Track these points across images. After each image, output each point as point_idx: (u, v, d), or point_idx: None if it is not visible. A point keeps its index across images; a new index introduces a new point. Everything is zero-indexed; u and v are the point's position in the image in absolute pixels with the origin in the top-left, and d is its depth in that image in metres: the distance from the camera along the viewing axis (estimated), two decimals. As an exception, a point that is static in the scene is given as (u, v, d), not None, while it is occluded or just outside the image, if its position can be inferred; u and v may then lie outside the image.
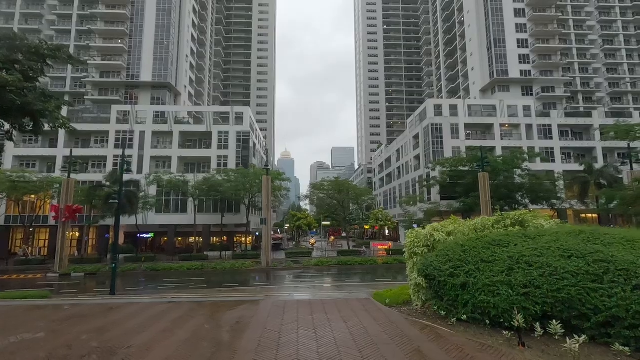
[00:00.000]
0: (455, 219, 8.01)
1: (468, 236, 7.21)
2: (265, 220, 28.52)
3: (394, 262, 29.70)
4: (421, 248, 7.53)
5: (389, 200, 65.26)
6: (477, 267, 5.67)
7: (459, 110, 49.79)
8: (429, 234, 7.50)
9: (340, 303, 7.75)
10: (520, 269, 5.22)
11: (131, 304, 8.14)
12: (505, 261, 5.48)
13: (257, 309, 7.06)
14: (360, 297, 8.59)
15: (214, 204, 43.16)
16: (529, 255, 5.36)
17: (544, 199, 38.85)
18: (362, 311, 6.91)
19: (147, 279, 25.92)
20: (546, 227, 7.25)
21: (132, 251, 38.97)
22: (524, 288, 4.97)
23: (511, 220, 7.55)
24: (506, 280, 5.19)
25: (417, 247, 7.66)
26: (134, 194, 30.11)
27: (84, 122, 47.52)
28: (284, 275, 25.83)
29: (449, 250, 6.41)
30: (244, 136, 46.61)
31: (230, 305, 7.50)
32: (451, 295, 5.80)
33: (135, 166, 44.72)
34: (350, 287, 19.23)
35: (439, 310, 6.15)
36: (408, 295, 11.13)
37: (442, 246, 6.90)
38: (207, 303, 7.99)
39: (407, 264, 8.49)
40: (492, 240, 6.20)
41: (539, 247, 5.49)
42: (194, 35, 63.86)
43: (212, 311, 7.07)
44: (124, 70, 53.73)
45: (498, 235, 6.48)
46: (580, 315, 4.58)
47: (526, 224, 7.51)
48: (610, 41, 64.85)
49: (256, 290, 18.38)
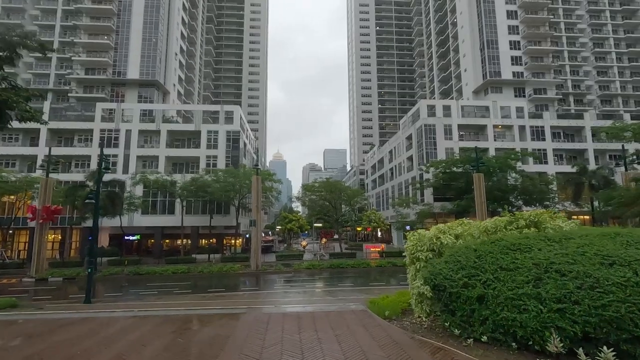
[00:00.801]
0: (462, 220, 7.14)
1: (479, 239, 6.34)
2: (255, 222, 27.45)
3: (387, 264, 28.87)
4: (425, 253, 6.63)
5: (382, 202, 64.60)
6: (496, 277, 4.79)
7: (452, 111, 49.39)
8: (435, 236, 6.61)
9: (334, 317, 6.80)
10: (551, 279, 4.33)
11: (88, 319, 7.07)
12: (531, 269, 4.59)
13: (235, 326, 6.06)
14: (355, 309, 7.65)
15: (202, 205, 41.93)
16: (560, 262, 4.48)
17: (537, 200, 38.50)
18: (359, 327, 5.97)
19: (129, 284, 24.62)
20: (566, 229, 6.42)
21: (116, 254, 37.45)
22: (557, 303, 4.08)
23: (525, 221, 6.70)
24: (534, 292, 4.30)
25: (420, 252, 6.77)
26: (117, 194, 28.77)
27: (68, 120, 45.86)
28: (274, 279, 24.78)
29: (459, 255, 5.51)
30: (234, 136, 45.45)
31: (205, 321, 6.49)
32: (465, 309, 4.90)
33: (121, 166, 43.28)
34: (342, 292, 18.29)
35: (451, 327, 5.24)
36: (407, 303, 10.21)
37: (450, 251, 6.01)
38: (179, 317, 6.95)
39: (408, 270, 7.59)
40: (511, 244, 5.32)
41: (570, 252, 4.62)
42: (184, 33, 62.50)
43: (182, 329, 6.04)
44: (110, 67, 52.14)
45: (515, 238, 5.61)
46: (633, 339, 3.71)
47: (542, 225, 6.67)
48: (601, 44, 65.37)
49: (243, 296, 17.31)
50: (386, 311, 7.24)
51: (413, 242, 7.07)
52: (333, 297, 16.24)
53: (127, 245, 45.16)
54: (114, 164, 43.40)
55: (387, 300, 10.98)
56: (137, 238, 45.16)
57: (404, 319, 7.05)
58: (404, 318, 7.14)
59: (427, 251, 6.60)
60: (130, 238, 45.04)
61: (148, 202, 42.08)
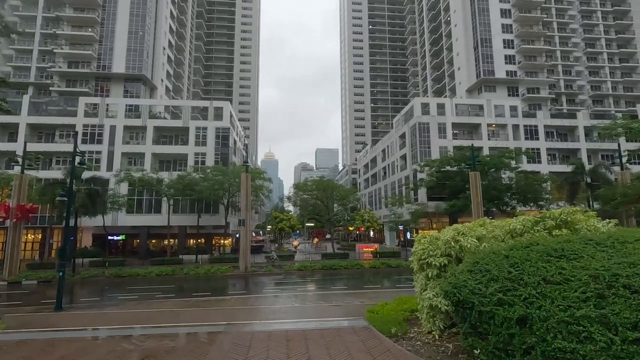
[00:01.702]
0: (483, 220, 6.12)
1: (504, 242, 5.32)
2: (244, 222, 26.21)
3: (381, 266, 27.89)
4: (439, 258, 5.60)
5: (374, 202, 63.78)
6: (541, 292, 3.76)
7: (446, 109, 48.75)
8: (453, 239, 5.58)
9: (331, 337, 5.71)
10: (619, 297, 3.33)
11: (26, 342, 5.85)
12: (587, 283, 3.58)
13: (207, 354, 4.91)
14: (356, 326, 6.57)
15: (190, 204, 40.51)
16: (627, 274, 3.47)
17: (532, 200, 38.03)
18: (363, 354, 4.88)
19: (110, 287, 23.18)
20: (603, 230, 5.44)
21: (99, 255, 35.79)
22: (634, 331, 3.07)
23: (555, 220, 5.69)
24: (597, 315, 3.28)
25: (432, 257, 5.72)
26: (98, 192, 27.22)
27: (49, 114, 43.93)
28: (263, 281, 23.59)
29: (488, 263, 4.47)
30: (224, 132, 44.04)
31: (167, 349, 5.29)
32: (502, 334, 3.86)
33: (105, 163, 41.61)
34: (336, 295, 17.22)
35: (482, 355, 4.18)
36: (410, 312, 9.22)
37: (472, 257, 4.98)
38: (144, 338, 5.78)
39: (415, 278, 6.56)
40: (552, 249, 4.30)
41: (637, 261, 3.61)
42: (172, 27, 60.71)
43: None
44: (94, 60, 50.18)
45: (554, 242, 4.61)
46: None
47: (574, 225, 5.68)
48: (592, 44, 65.56)
49: (230, 301, 16.10)
50: (392, 327, 6.17)
51: (423, 245, 6.02)
52: (326, 302, 15.16)
53: (111, 245, 43.49)
54: (97, 161, 41.77)
55: (388, 309, 9.94)
56: (122, 238, 43.51)
57: (412, 335, 5.99)
58: (413, 334, 6.10)
59: (442, 257, 5.57)
60: (115, 238, 43.34)
61: (133, 200, 40.50)
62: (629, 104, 63.48)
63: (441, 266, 5.59)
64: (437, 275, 5.56)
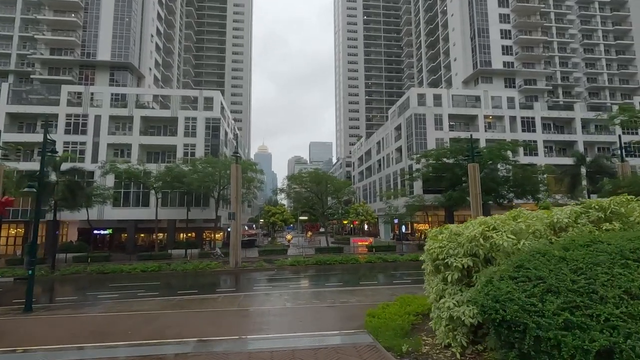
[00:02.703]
0: (518, 210, 5.02)
1: (545, 238, 4.22)
2: (234, 215, 24.99)
3: (377, 260, 26.96)
4: (462, 259, 4.50)
5: (369, 194, 62.87)
6: (626, 311, 2.66)
7: (442, 101, 47.72)
8: (481, 235, 4.46)
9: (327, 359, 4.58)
10: None
11: None
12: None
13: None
14: (358, 344, 5.46)
15: (179, 197, 39.14)
16: None
17: (530, 192, 37.32)
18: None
19: (91, 285, 21.89)
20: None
21: (84, 250, 34.33)
22: None
23: (604, 211, 4.60)
24: None
25: (452, 257, 4.61)
26: (78, 184, 25.72)
27: (30, 103, 41.94)
28: (254, 277, 22.47)
29: (537, 268, 3.39)
30: (214, 123, 42.52)
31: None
32: (573, 371, 2.77)
33: (90, 154, 39.94)
34: (331, 293, 16.17)
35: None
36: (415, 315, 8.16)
37: (513, 259, 3.86)
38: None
39: (428, 281, 5.46)
40: (628, 250, 3.20)
41: None
42: (161, 14, 58.50)
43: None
44: (78, 47, 48.01)
45: (624, 239, 3.50)
46: None
47: (628, 217, 4.59)
48: (589, 36, 64.84)
49: (217, 300, 14.93)
50: (402, 343, 5.05)
51: (440, 242, 4.90)
52: (320, 302, 14.09)
53: (98, 240, 42.03)
54: (81, 152, 40.10)
55: (390, 312, 8.81)
56: (109, 232, 42.08)
57: (427, 351, 4.90)
58: (426, 348, 5.01)
59: (465, 257, 4.45)
60: (102, 232, 41.90)
61: (120, 193, 38.97)
62: (625, 97, 63.06)
63: (464, 268, 4.50)
64: (458, 279, 4.46)
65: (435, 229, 5.36)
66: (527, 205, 42.69)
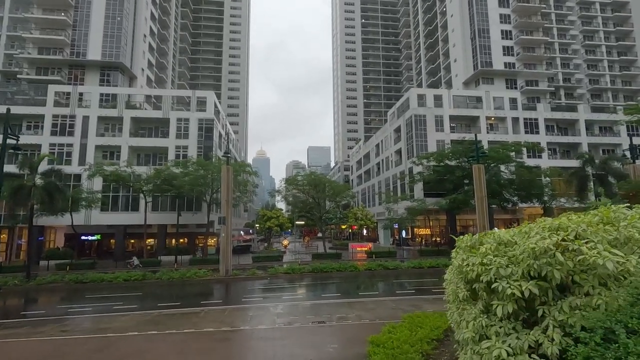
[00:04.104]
0: (609, 208, 3.43)
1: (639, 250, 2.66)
2: (225, 220, 23.34)
3: (377, 268, 25.26)
4: (518, 282, 2.90)
5: (367, 198, 61.32)
6: None
7: (443, 101, 46.39)
8: (556, 246, 2.88)
9: None
10: None
11: None
12: None
13: None
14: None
15: (171, 201, 37.46)
16: None
17: (535, 195, 35.86)
18: None
19: (67, 296, 20.13)
20: None
21: (70, 256, 32.56)
22: None
23: None
24: None
25: (504, 280, 3.03)
26: (58, 186, 24.03)
27: (15, 104, 40.31)
28: (244, 287, 20.77)
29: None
30: (207, 124, 40.99)
31: None
32: None
33: (77, 156, 38.37)
34: (328, 306, 14.53)
35: None
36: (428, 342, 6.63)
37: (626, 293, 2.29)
38: None
39: (456, 310, 3.88)
40: None
41: None
42: (154, 14, 57.15)
43: None
44: (67, 46, 46.47)
45: None
46: None
47: None
48: (591, 37, 63.90)
49: (199, 315, 13.26)
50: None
51: (481, 256, 3.30)
52: (314, 316, 12.46)
53: (85, 246, 40.29)
54: (68, 155, 38.48)
55: (398, 338, 7.22)
56: (97, 238, 40.31)
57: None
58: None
59: (525, 279, 2.87)
60: (90, 238, 40.14)
61: (108, 197, 37.30)
62: (628, 98, 62.00)
63: (522, 298, 2.94)
64: (513, 314, 2.90)
65: (469, 236, 3.83)
66: (534, 208, 41.33)
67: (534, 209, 41.63)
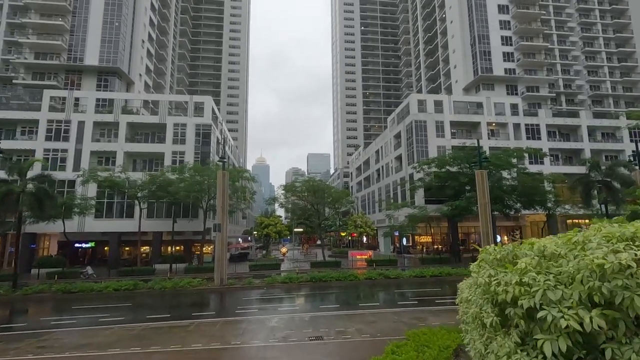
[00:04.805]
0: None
1: None
2: (219, 227, 22.53)
3: (378, 277, 24.39)
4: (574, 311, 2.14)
5: (367, 205, 60.48)
6: None
7: (444, 107, 45.86)
8: (638, 260, 2.12)
9: None
10: None
11: None
12: None
13: None
14: None
15: (166, 208, 36.65)
16: None
17: (538, 202, 35.08)
18: None
19: (53, 307, 19.24)
20: None
21: (62, 264, 31.67)
22: None
23: None
24: None
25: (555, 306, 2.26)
26: (47, 192, 23.25)
27: (10, 109, 39.77)
28: (240, 297, 19.89)
29: None
30: (205, 130, 40.38)
31: None
32: None
33: (71, 162, 37.65)
34: (325, 319, 13.68)
35: None
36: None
37: None
38: None
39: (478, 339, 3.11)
40: None
41: None
42: (153, 20, 56.94)
43: None
44: (64, 51, 46.06)
45: None
46: None
47: None
48: (591, 43, 63.71)
49: (187, 329, 12.41)
50: None
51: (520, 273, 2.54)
52: (312, 330, 11.62)
53: (79, 254, 39.36)
54: (63, 160, 37.77)
55: None
56: (91, 246, 39.44)
57: None
58: None
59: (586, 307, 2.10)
60: (83, 246, 39.27)
61: (103, 204, 36.47)
62: (629, 104, 61.62)
63: (582, 331, 2.17)
64: (567, 355, 2.13)
65: (498, 247, 3.05)
66: (537, 216, 40.49)
67: (537, 215, 40.84)
